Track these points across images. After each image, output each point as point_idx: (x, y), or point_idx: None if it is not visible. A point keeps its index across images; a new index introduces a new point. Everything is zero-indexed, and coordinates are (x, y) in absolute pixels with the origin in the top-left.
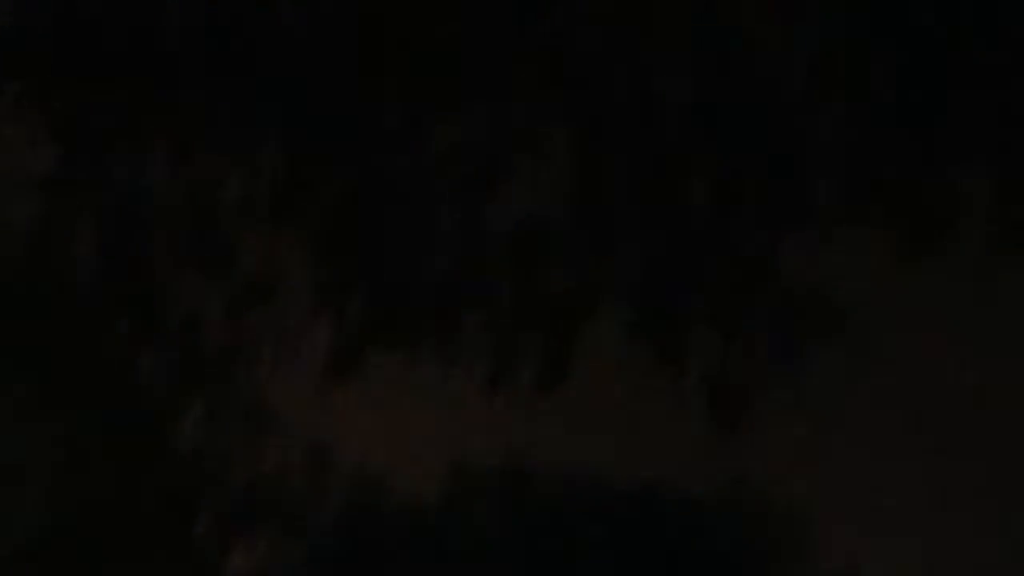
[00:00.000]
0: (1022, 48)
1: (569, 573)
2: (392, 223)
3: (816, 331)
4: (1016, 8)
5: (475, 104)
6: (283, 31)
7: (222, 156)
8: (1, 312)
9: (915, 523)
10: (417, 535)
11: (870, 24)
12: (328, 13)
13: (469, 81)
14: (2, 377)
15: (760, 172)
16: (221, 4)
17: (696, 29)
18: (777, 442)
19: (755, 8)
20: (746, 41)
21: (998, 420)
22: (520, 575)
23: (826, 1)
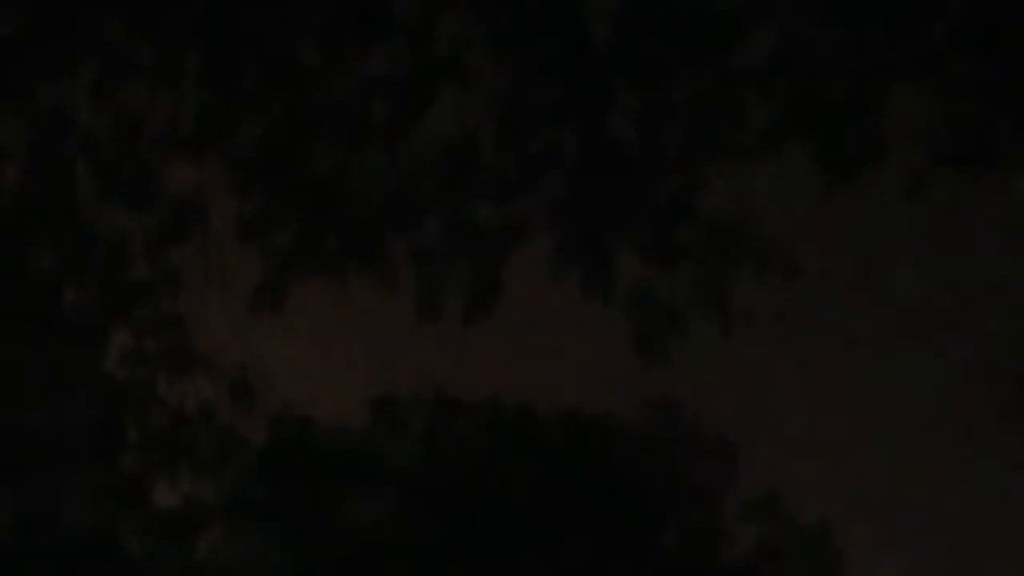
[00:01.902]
0: None
1: (495, 502)
2: (317, 153)
3: (741, 257)
4: None
5: (398, 34)
6: None
7: (146, 87)
8: None
9: (840, 448)
10: (343, 465)
11: None
12: None
13: (391, 11)
14: None
15: (687, 98)
16: None
17: None
18: (703, 369)
19: None
20: None
21: (928, 344)
22: (446, 506)
23: None
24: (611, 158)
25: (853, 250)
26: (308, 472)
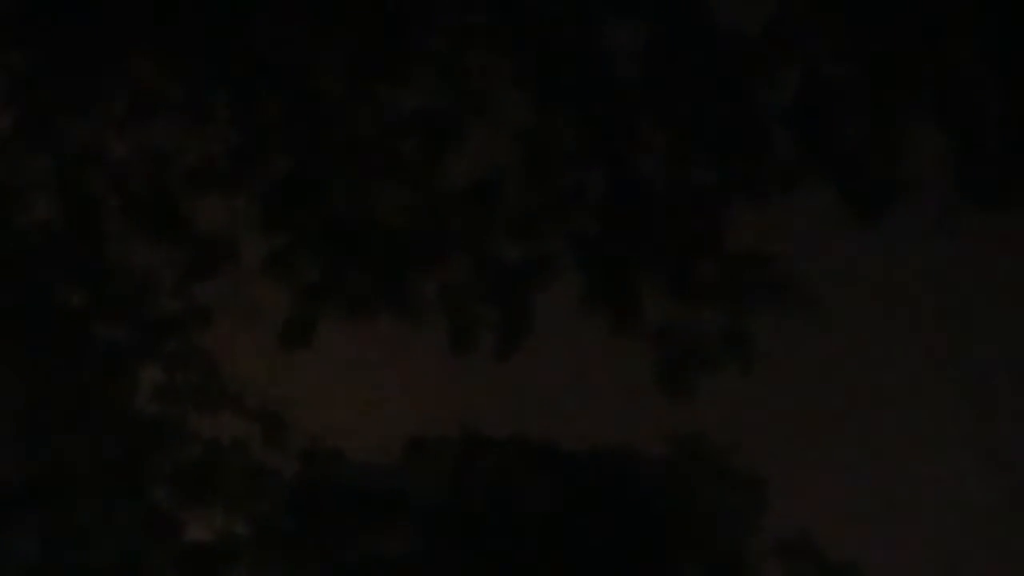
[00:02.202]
0: None
1: (521, 537)
2: (345, 190)
3: (766, 294)
4: None
5: (426, 68)
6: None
7: (175, 123)
8: None
9: (868, 484)
10: (372, 501)
11: None
12: None
13: (419, 45)
14: None
15: (713, 135)
16: None
17: None
18: (731, 406)
19: None
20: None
21: (958, 381)
22: (473, 542)
23: None
24: (638, 195)
25: (879, 286)
26: (339, 507)
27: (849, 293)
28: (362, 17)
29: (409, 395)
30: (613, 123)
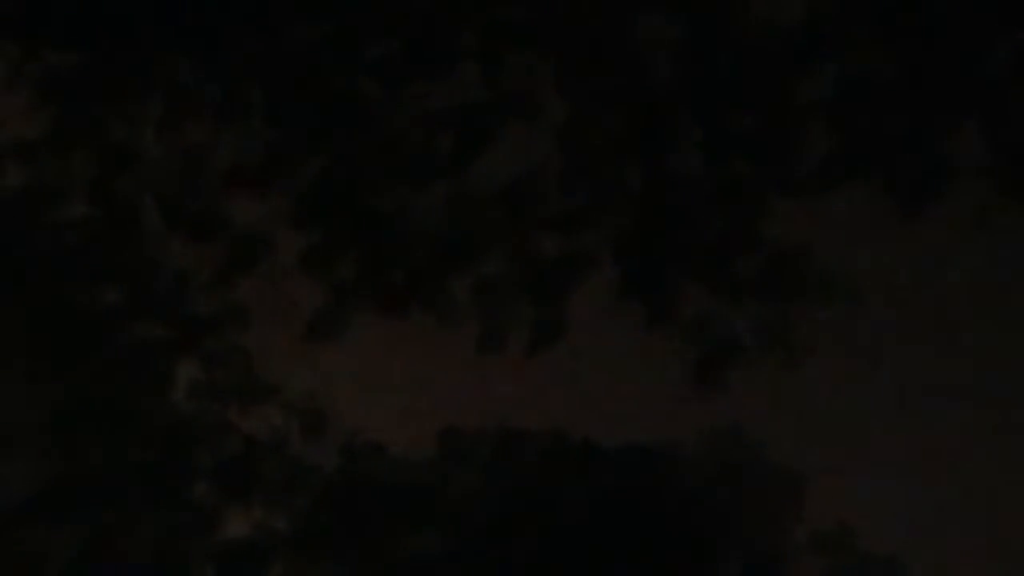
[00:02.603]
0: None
1: (558, 532)
2: (381, 186)
3: (804, 289)
4: None
5: (463, 66)
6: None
7: (211, 122)
8: None
9: (906, 478)
10: (410, 496)
11: None
12: None
13: (457, 43)
14: None
15: (751, 130)
16: None
17: None
18: (768, 399)
19: None
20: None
21: (997, 372)
22: (510, 538)
23: None
24: (675, 190)
25: (918, 280)
26: (376, 504)
27: (888, 287)
28: (399, 15)
29: (445, 390)
30: (650, 118)
